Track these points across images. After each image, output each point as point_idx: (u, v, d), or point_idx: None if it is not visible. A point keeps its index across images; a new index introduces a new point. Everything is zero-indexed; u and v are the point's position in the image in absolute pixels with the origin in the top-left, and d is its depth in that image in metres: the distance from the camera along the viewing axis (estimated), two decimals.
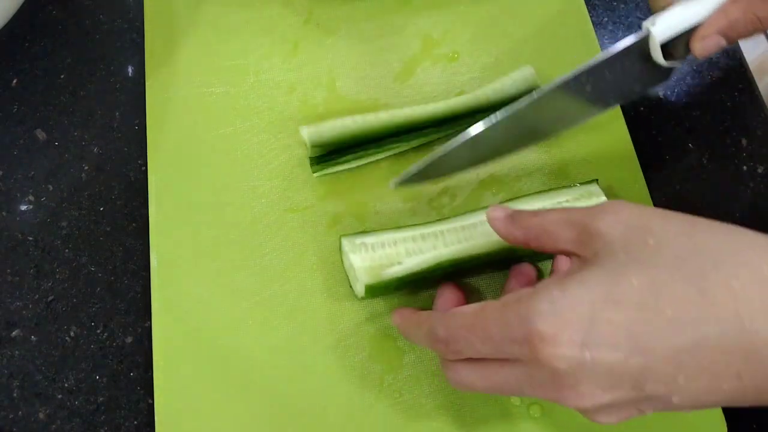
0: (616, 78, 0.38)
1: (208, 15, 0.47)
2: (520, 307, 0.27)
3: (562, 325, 0.26)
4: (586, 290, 0.27)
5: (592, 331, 0.26)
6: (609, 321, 0.26)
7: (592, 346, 0.26)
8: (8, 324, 0.41)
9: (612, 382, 0.26)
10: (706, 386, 0.26)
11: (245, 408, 0.37)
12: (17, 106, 0.46)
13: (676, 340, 0.26)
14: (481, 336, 0.29)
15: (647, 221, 0.28)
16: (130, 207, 0.43)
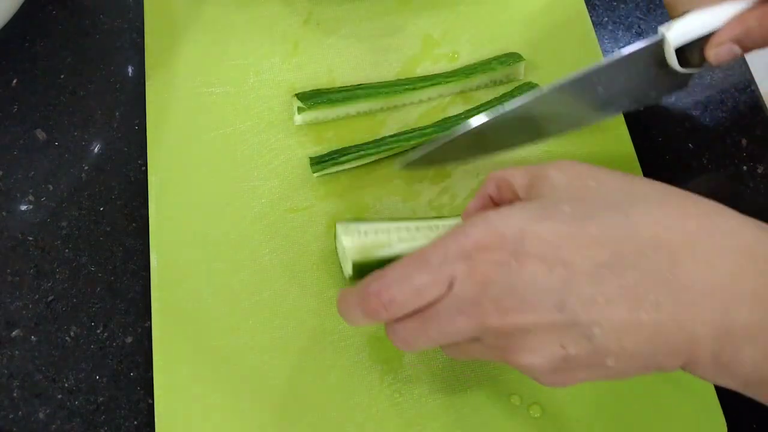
0: (630, 81, 0.38)
1: (208, 15, 0.47)
2: (456, 229, 0.29)
3: (493, 237, 0.28)
4: (520, 211, 0.29)
5: (520, 243, 0.28)
6: (537, 235, 0.28)
7: (519, 257, 0.27)
8: (8, 324, 0.41)
9: (534, 297, 0.27)
10: (625, 316, 0.27)
11: (245, 408, 0.37)
12: (17, 106, 0.46)
13: (597, 253, 0.27)
14: (417, 266, 0.29)
15: (594, 172, 0.30)
16: (130, 207, 0.43)
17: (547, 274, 0.27)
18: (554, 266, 0.27)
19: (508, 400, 0.38)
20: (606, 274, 0.27)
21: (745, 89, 0.46)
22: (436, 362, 0.38)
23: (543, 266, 0.27)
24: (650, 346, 0.27)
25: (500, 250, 0.28)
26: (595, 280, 0.27)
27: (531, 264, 0.27)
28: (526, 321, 0.28)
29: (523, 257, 0.28)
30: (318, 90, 0.43)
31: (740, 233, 0.28)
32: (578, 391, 0.38)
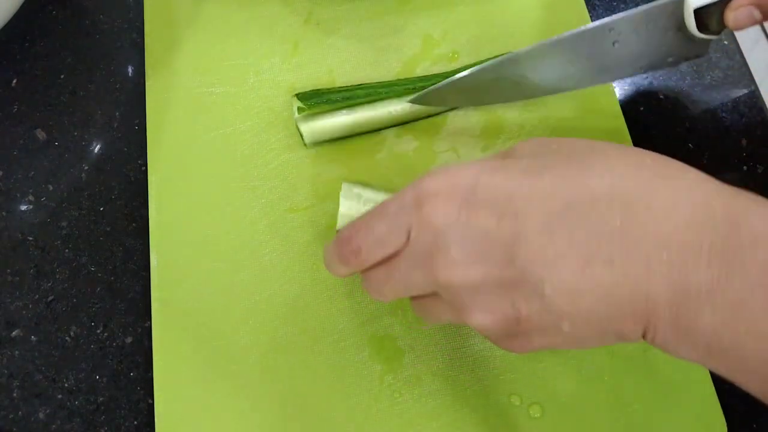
0: (646, 40, 0.37)
1: (208, 15, 0.47)
2: (414, 180, 0.29)
3: (446, 185, 0.28)
4: (479, 163, 0.28)
5: (472, 192, 0.27)
6: (490, 184, 0.27)
7: (470, 206, 0.27)
8: (8, 324, 0.41)
9: (483, 249, 0.27)
10: (577, 273, 0.25)
11: (245, 408, 0.37)
12: (17, 106, 0.46)
13: (549, 204, 0.26)
14: (378, 215, 0.30)
15: (558, 139, 0.30)
16: (130, 207, 0.43)
17: (497, 226, 0.27)
18: (504, 217, 0.26)
19: (508, 400, 0.38)
20: (557, 226, 0.26)
21: (745, 89, 0.46)
22: (436, 362, 0.38)
23: (493, 217, 0.27)
24: (605, 307, 0.26)
25: (451, 200, 0.27)
26: (545, 233, 0.26)
27: (481, 215, 0.27)
28: (475, 275, 0.27)
29: (473, 207, 0.27)
30: (318, 90, 0.43)
31: (697, 187, 0.26)
32: (578, 391, 0.38)
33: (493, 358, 0.38)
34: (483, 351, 0.39)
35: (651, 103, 0.46)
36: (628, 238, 0.25)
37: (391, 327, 0.39)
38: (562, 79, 0.38)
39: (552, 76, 0.38)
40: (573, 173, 0.27)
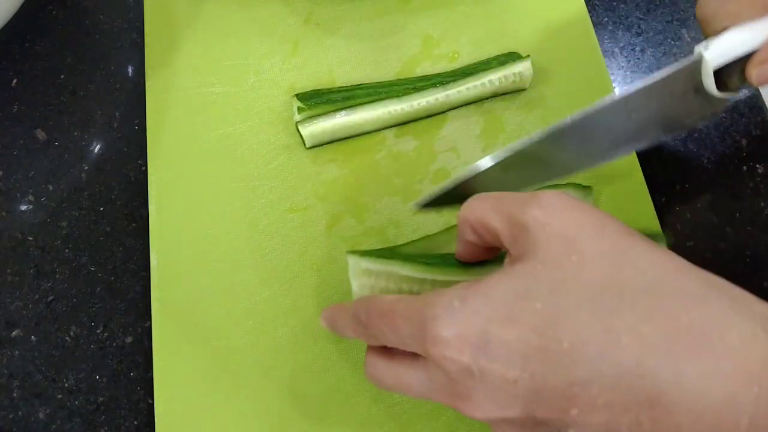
0: (662, 108, 0.34)
1: (208, 15, 0.47)
2: (423, 306, 0.27)
3: (454, 336, 0.25)
4: (486, 304, 0.26)
5: (484, 346, 0.25)
6: (503, 340, 0.25)
7: (483, 360, 0.25)
8: (8, 324, 0.41)
9: (503, 399, 0.25)
10: (603, 424, 0.24)
11: (245, 408, 0.37)
12: (17, 106, 0.46)
13: (569, 373, 0.24)
14: (390, 326, 0.28)
15: (578, 232, 0.26)
16: (130, 207, 0.43)
17: (513, 385, 0.25)
18: (521, 379, 0.25)
19: None
20: (579, 392, 0.24)
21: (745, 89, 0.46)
22: None
23: (509, 376, 0.25)
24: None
25: (461, 353, 0.25)
26: (567, 398, 0.24)
27: (495, 369, 0.25)
28: (495, 416, 0.26)
29: (486, 362, 0.25)
30: (318, 90, 0.43)
31: (739, 353, 0.23)
32: None
33: None
34: None
35: None
36: (658, 408, 0.23)
37: None
38: (576, 160, 0.36)
39: (564, 159, 0.36)
40: (598, 339, 0.24)
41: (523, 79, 0.43)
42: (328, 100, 0.42)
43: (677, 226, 0.42)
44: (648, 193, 0.42)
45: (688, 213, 0.43)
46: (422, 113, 0.43)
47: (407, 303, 0.28)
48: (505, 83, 0.43)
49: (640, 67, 0.47)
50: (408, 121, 0.44)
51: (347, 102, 0.42)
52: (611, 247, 0.26)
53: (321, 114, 0.42)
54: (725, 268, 0.41)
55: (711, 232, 0.42)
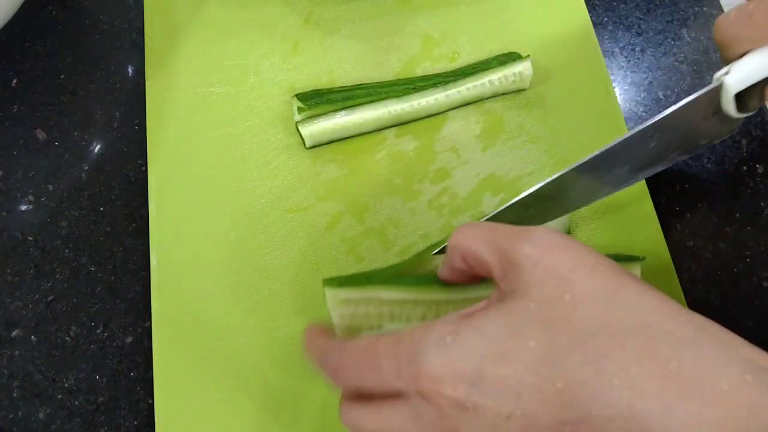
0: (681, 133, 0.35)
1: (208, 15, 0.47)
2: (412, 342, 0.27)
3: (448, 373, 0.25)
4: (480, 340, 0.26)
5: (479, 382, 0.25)
6: (498, 377, 0.25)
7: (477, 396, 0.25)
8: (8, 324, 0.41)
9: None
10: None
11: (245, 408, 0.37)
12: (17, 106, 0.46)
13: (561, 413, 0.24)
14: (370, 367, 0.27)
15: (570, 272, 0.26)
16: (130, 207, 0.43)
17: (506, 421, 0.25)
18: (514, 416, 0.25)
19: None
20: (569, 431, 0.24)
21: None
22: None
23: (502, 412, 0.25)
24: None
25: (455, 390, 0.25)
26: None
27: (488, 411, 0.25)
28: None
29: (480, 403, 0.25)
30: (318, 90, 0.43)
31: (732, 396, 0.23)
32: None
33: None
34: None
35: (651, 103, 0.46)
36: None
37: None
38: (593, 191, 0.36)
39: (582, 191, 0.36)
40: (586, 379, 0.24)
41: (523, 79, 0.43)
42: (328, 100, 0.42)
43: (677, 226, 0.42)
44: (649, 194, 0.42)
45: (688, 213, 0.43)
46: (422, 113, 0.43)
47: (389, 341, 0.27)
48: (505, 83, 0.43)
49: (640, 67, 0.47)
50: (408, 121, 0.44)
51: (347, 102, 0.42)
52: (603, 287, 0.26)
53: (321, 114, 0.42)
54: (725, 268, 0.41)
55: (711, 232, 0.42)
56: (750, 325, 0.41)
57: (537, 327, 0.25)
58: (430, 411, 0.26)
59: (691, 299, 0.40)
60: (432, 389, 0.26)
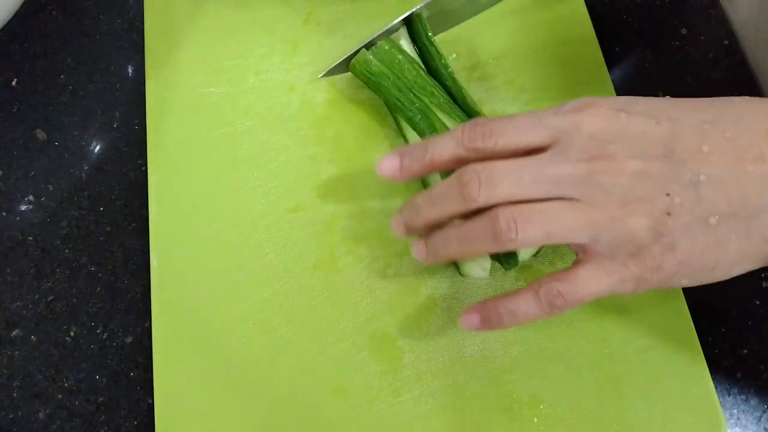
0: None
1: (208, 15, 0.47)
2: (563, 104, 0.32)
3: (604, 101, 0.31)
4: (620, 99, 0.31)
5: (630, 105, 0.30)
6: (643, 101, 0.31)
7: (629, 113, 0.30)
8: (8, 324, 0.41)
9: (642, 146, 0.29)
10: (731, 165, 0.28)
11: (245, 408, 0.37)
12: (17, 106, 0.46)
13: (701, 114, 0.30)
14: (524, 115, 0.32)
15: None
16: (130, 207, 0.43)
17: (655, 126, 0.29)
18: (661, 120, 0.29)
19: (508, 400, 0.38)
20: (710, 127, 0.29)
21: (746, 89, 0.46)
22: (436, 362, 0.38)
23: (651, 120, 0.29)
24: (755, 198, 0.28)
25: (611, 108, 0.30)
26: (700, 133, 0.29)
27: (640, 119, 0.30)
28: (634, 167, 0.29)
29: (631, 114, 0.30)
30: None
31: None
32: (578, 391, 0.38)
33: (493, 358, 0.38)
34: (483, 351, 0.39)
35: None
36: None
37: (390, 327, 0.39)
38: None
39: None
40: (714, 101, 0.30)
41: None
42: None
43: None
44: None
45: None
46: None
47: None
48: None
49: (641, 67, 0.47)
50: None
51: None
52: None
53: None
54: None
55: None
56: (750, 325, 0.41)
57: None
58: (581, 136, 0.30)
59: (691, 299, 0.40)
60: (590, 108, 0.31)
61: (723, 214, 0.28)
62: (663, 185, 0.29)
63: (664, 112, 0.30)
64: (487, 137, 0.31)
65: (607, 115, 0.30)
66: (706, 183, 0.28)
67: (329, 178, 0.42)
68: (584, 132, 0.30)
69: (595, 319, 0.39)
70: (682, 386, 0.38)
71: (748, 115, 0.29)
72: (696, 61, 0.47)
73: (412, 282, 0.40)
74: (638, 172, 0.29)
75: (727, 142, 0.28)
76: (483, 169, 0.31)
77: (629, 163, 0.29)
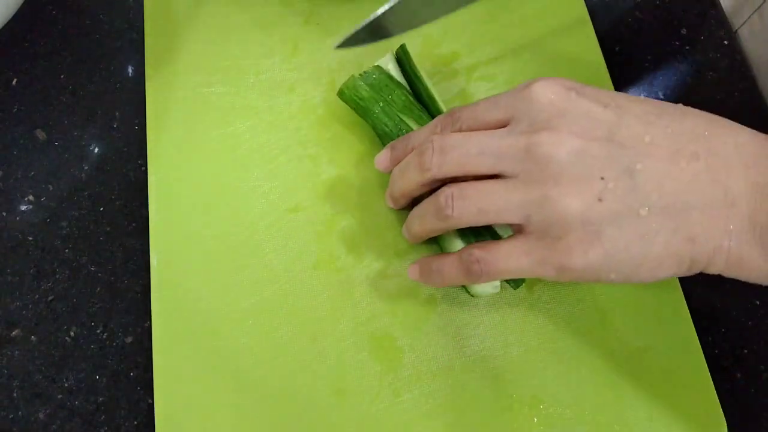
0: None
1: (208, 15, 0.47)
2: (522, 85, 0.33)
3: (558, 80, 0.31)
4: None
5: (580, 88, 0.31)
6: (593, 87, 0.32)
7: (578, 93, 0.31)
8: (8, 324, 0.41)
9: (587, 126, 0.30)
10: (666, 157, 0.29)
11: (245, 408, 0.37)
12: (17, 106, 0.46)
13: (646, 106, 0.31)
14: (484, 100, 0.33)
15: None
16: (130, 207, 0.43)
17: (602, 110, 0.30)
18: (608, 107, 0.30)
19: (508, 399, 0.38)
20: (654, 119, 0.30)
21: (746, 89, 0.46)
22: (436, 362, 0.38)
23: (599, 104, 0.30)
24: (686, 196, 0.29)
25: (563, 86, 0.31)
26: (643, 123, 0.30)
27: (587, 101, 0.30)
28: (574, 144, 0.29)
29: (580, 95, 0.31)
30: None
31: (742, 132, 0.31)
32: (578, 391, 0.38)
33: (493, 358, 0.38)
34: (483, 351, 0.39)
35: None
36: (712, 141, 0.29)
37: (390, 327, 0.39)
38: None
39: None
40: (658, 103, 0.31)
41: None
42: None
43: None
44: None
45: None
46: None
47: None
48: None
49: (641, 67, 0.47)
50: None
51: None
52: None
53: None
54: None
55: None
56: (750, 325, 0.41)
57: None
58: (531, 110, 0.31)
59: (691, 299, 0.40)
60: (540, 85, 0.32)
61: (653, 206, 0.29)
62: (600, 167, 0.29)
63: (612, 99, 0.31)
64: (454, 122, 0.34)
65: (556, 89, 0.31)
66: (642, 172, 0.29)
67: (329, 178, 0.42)
68: (533, 104, 0.31)
69: (595, 319, 0.39)
70: (682, 386, 0.38)
71: (690, 116, 0.30)
72: (696, 61, 0.47)
73: (412, 282, 0.40)
74: (578, 149, 0.29)
75: (668, 136, 0.29)
76: (439, 139, 0.33)
77: (570, 139, 0.30)
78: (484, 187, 0.31)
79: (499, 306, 0.40)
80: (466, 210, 0.32)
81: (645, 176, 0.29)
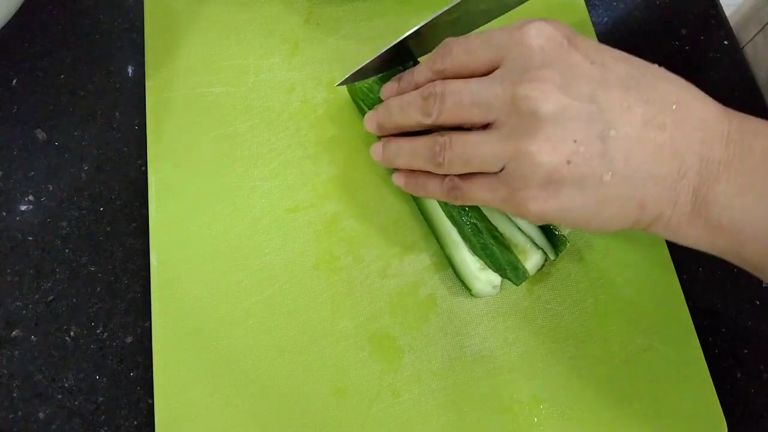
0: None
1: (208, 15, 0.47)
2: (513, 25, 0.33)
3: (553, 23, 0.32)
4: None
5: (573, 36, 0.32)
6: (583, 38, 0.32)
7: (570, 43, 0.31)
8: (8, 324, 0.41)
9: (571, 81, 0.30)
10: (639, 125, 0.30)
11: (245, 408, 0.37)
12: (17, 106, 0.46)
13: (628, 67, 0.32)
14: (479, 34, 0.34)
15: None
16: (130, 207, 0.43)
17: (589, 66, 0.31)
18: (595, 62, 0.31)
19: (508, 399, 0.38)
20: (634, 86, 0.31)
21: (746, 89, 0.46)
22: (436, 362, 0.38)
23: (586, 60, 0.31)
24: (648, 166, 0.30)
25: (557, 30, 0.32)
26: (624, 88, 0.31)
27: (578, 54, 0.31)
28: (556, 100, 0.30)
29: (572, 44, 0.31)
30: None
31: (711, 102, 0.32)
32: (578, 390, 0.38)
33: (493, 358, 0.38)
34: (483, 351, 0.39)
35: None
36: (678, 114, 0.30)
37: (390, 327, 0.39)
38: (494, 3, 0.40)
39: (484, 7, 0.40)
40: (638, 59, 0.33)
41: None
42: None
43: None
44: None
45: None
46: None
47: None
48: None
49: None
50: None
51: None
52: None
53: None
54: (725, 268, 0.41)
55: None
56: (750, 325, 0.41)
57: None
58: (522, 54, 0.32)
59: (691, 299, 0.40)
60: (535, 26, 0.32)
61: (617, 173, 0.30)
62: (574, 130, 0.30)
63: (599, 55, 0.31)
64: (445, 57, 0.35)
65: (548, 33, 0.32)
66: (614, 139, 0.30)
67: (329, 178, 0.42)
68: (525, 48, 0.32)
69: (595, 319, 0.39)
70: (682, 386, 0.38)
71: (664, 82, 0.31)
72: (696, 61, 0.47)
73: (412, 282, 0.40)
74: (560, 107, 0.30)
75: (644, 104, 0.30)
76: (441, 84, 0.34)
77: (555, 94, 0.30)
78: (471, 139, 0.33)
79: (499, 306, 0.40)
80: (455, 159, 0.34)
81: (616, 144, 0.30)
